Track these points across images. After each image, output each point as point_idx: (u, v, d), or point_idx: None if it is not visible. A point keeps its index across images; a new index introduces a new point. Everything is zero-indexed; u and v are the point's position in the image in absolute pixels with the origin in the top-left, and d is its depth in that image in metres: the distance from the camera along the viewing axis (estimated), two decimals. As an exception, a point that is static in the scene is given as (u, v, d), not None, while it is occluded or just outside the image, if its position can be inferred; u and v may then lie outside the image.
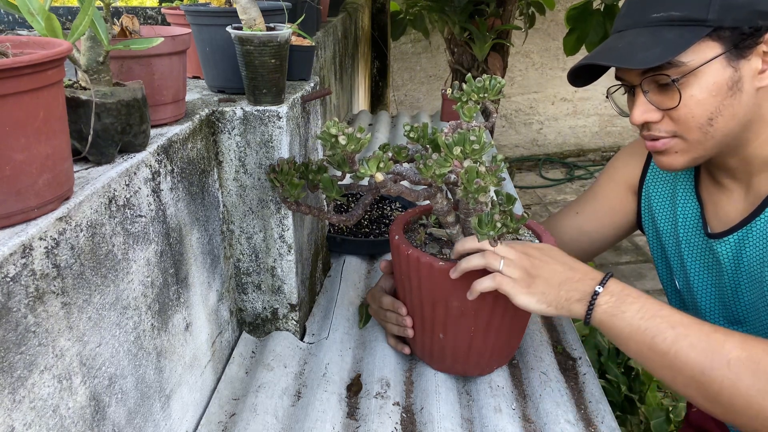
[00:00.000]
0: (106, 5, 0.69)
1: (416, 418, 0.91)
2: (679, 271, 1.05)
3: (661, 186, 1.06)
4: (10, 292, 0.48)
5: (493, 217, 0.84)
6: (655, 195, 1.07)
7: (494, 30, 3.39)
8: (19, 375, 0.50)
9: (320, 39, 1.78)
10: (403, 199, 1.54)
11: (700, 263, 1.00)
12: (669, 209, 1.05)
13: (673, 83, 0.82)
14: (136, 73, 0.77)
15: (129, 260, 0.68)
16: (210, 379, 0.95)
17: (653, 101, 0.86)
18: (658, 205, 1.07)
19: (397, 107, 5.10)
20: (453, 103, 0.95)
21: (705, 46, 0.81)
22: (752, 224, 0.90)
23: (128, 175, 0.67)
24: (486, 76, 0.93)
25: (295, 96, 1.01)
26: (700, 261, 1.00)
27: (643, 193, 1.09)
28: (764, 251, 0.89)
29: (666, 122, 0.86)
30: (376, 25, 3.77)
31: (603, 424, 0.92)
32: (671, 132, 0.87)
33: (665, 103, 0.85)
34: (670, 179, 1.05)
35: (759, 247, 0.89)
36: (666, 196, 1.06)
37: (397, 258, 0.94)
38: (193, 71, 1.17)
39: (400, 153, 0.94)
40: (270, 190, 0.98)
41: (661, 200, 1.06)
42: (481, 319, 0.89)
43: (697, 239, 1.00)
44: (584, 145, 5.49)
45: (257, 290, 1.06)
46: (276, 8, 1.06)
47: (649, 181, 1.08)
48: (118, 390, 0.66)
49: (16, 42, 0.57)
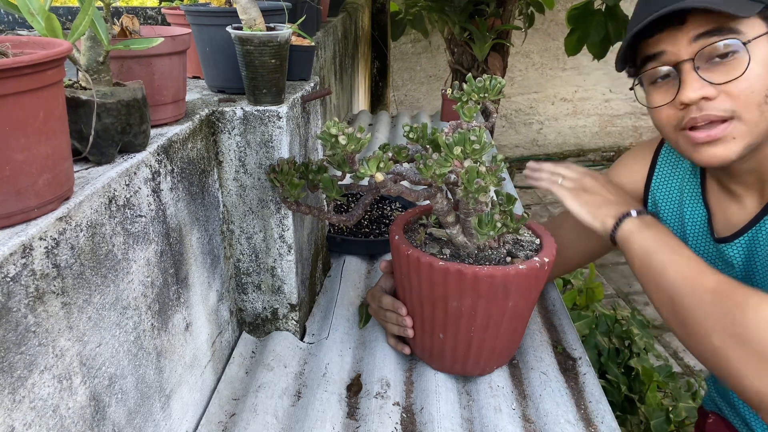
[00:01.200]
0: (106, 5, 0.69)
1: (416, 418, 0.91)
2: None
3: (668, 191, 1.05)
4: (10, 292, 0.48)
5: (493, 217, 0.84)
6: (662, 200, 1.06)
7: (494, 30, 3.40)
8: (19, 375, 0.50)
9: (320, 39, 1.78)
10: (403, 199, 1.54)
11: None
12: (677, 214, 1.04)
13: (744, 46, 0.78)
14: (136, 73, 0.77)
15: (129, 260, 0.68)
16: (210, 379, 0.95)
17: (706, 77, 0.80)
18: (666, 209, 1.06)
19: (397, 107, 5.10)
20: (453, 103, 0.95)
21: (755, 23, 0.79)
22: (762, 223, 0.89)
23: (128, 175, 0.67)
24: (486, 76, 0.93)
25: (295, 96, 1.01)
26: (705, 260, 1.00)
27: (650, 199, 1.08)
28: None
29: (723, 99, 0.80)
30: (376, 25, 3.77)
31: (603, 424, 0.92)
32: (729, 111, 0.80)
33: (722, 77, 0.79)
34: (677, 185, 1.04)
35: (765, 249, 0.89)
36: (674, 202, 1.04)
37: (397, 258, 0.94)
38: (193, 71, 1.17)
39: (400, 153, 0.94)
40: (270, 190, 0.98)
41: (669, 205, 1.05)
42: (481, 319, 0.89)
43: (706, 244, 0.99)
44: (584, 145, 5.49)
45: (257, 290, 1.06)
46: (276, 8, 1.06)
47: (655, 186, 1.07)
48: (118, 390, 0.66)
49: (16, 42, 0.57)
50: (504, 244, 0.95)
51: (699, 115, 0.82)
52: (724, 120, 0.81)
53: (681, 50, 0.81)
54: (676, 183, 1.04)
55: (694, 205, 1.01)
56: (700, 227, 1.00)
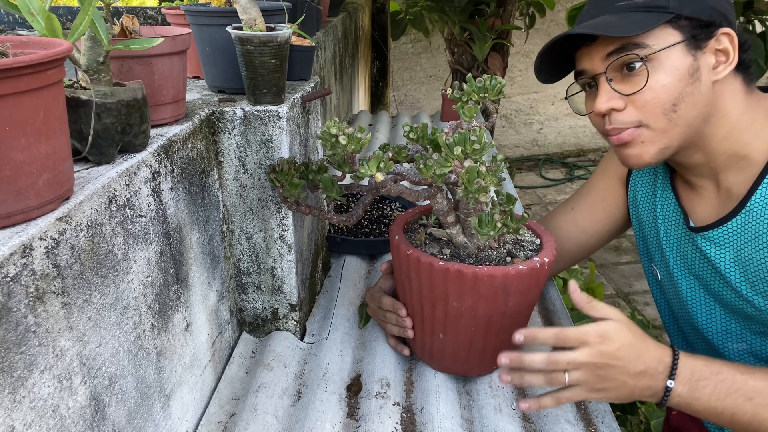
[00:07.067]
0: (106, 5, 0.69)
1: (416, 418, 0.91)
2: (660, 261, 1.06)
3: (645, 178, 1.09)
4: (10, 292, 0.48)
5: (493, 217, 0.84)
6: (640, 186, 1.10)
7: (494, 30, 3.40)
8: (19, 375, 0.50)
9: (320, 39, 1.78)
10: (403, 199, 1.54)
11: (678, 253, 1.02)
12: (650, 202, 1.07)
13: (642, 61, 0.84)
14: (136, 73, 0.77)
15: (129, 260, 0.68)
16: (210, 379, 0.95)
17: (617, 88, 0.87)
18: (642, 197, 1.09)
19: (397, 107, 5.10)
20: (453, 103, 0.95)
21: (666, 32, 0.84)
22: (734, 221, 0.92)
23: (128, 175, 0.67)
24: (486, 76, 0.93)
25: (295, 96, 1.01)
26: (678, 251, 1.02)
27: (630, 184, 1.12)
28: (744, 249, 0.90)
29: (630, 111, 0.87)
30: (376, 25, 3.77)
31: (603, 424, 0.92)
32: (636, 121, 0.87)
33: (629, 89, 0.86)
34: (651, 173, 1.08)
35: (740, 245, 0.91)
36: (648, 189, 1.08)
37: (397, 258, 0.94)
38: (193, 71, 1.17)
39: (400, 153, 0.94)
40: (270, 190, 0.98)
41: (645, 192, 1.09)
42: (481, 319, 0.89)
43: (678, 232, 1.02)
44: (584, 145, 5.49)
45: (257, 290, 1.06)
46: (276, 8, 1.06)
47: (635, 172, 1.11)
48: (118, 390, 0.66)
49: (17, 42, 0.57)
50: (504, 244, 0.95)
51: (609, 127, 0.89)
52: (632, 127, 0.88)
53: (596, 65, 0.89)
54: (651, 171, 1.08)
55: (665, 194, 1.04)
56: (672, 218, 1.03)
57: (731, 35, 0.85)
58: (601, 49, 0.87)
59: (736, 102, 0.89)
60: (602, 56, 0.87)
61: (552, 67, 0.95)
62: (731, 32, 0.85)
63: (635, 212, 1.11)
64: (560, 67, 0.95)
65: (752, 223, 0.89)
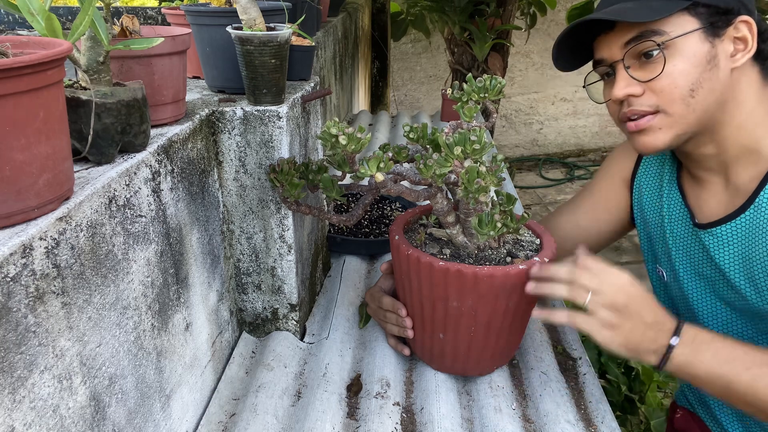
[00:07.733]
0: (106, 5, 0.69)
1: (416, 418, 0.91)
2: (665, 262, 1.06)
3: (651, 178, 1.09)
4: (10, 292, 0.48)
5: (493, 217, 0.84)
6: (646, 186, 1.09)
7: (494, 30, 3.40)
8: (19, 375, 0.50)
9: (320, 39, 1.78)
10: (403, 199, 1.54)
11: (684, 252, 1.02)
12: (657, 201, 1.07)
13: (659, 47, 0.85)
14: (136, 73, 0.77)
15: (129, 260, 0.68)
16: (210, 379, 0.95)
17: (634, 75, 0.88)
18: (648, 197, 1.09)
19: (397, 107, 5.10)
20: (453, 103, 0.95)
21: (683, 19, 0.85)
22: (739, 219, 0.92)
23: (128, 175, 0.67)
24: (486, 76, 0.93)
25: (295, 96, 1.01)
26: (684, 251, 1.02)
27: (635, 186, 1.11)
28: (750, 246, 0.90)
29: (648, 96, 0.88)
30: (376, 25, 3.77)
31: (603, 424, 0.92)
32: (653, 106, 0.87)
33: (647, 75, 0.87)
34: (658, 172, 1.08)
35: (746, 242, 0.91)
36: (655, 188, 1.08)
37: (397, 258, 0.94)
38: (193, 71, 1.17)
39: (400, 153, 0.94)
40: (270, 190, 0.98)
41: (651, 192, 1.08)
42: (481, 319, 0.89)
43: (684, 232, 1.01)
44: (584, 145, 5.49)
45: (257, 290, 1.06)
46: (276, 8, 1.06)
47: (641, 173, 1.10)
48: (118, 390, 0.66)
49: (16, 42, 0.57)
50: (504, 244, 0.95)
51: (627, 110, 0.90)
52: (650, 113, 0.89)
53: (614, 53, 0.90)
54: (657, 171, 1.08)
55: (671, 191, 1.04)
56: (679, 217, 1.02)
57: (750, 23, 0.85)
58: (620, 37, 0.88)
59: (752, 92, 0.89)
60: (620, 45, 0.88)
61: (571, 55, 0.96)
62: (750, 20, 0.85)
63: (640, 213, 1.11)
64: (579, 55, 0.96)
65: (760, 219, 0.89)
